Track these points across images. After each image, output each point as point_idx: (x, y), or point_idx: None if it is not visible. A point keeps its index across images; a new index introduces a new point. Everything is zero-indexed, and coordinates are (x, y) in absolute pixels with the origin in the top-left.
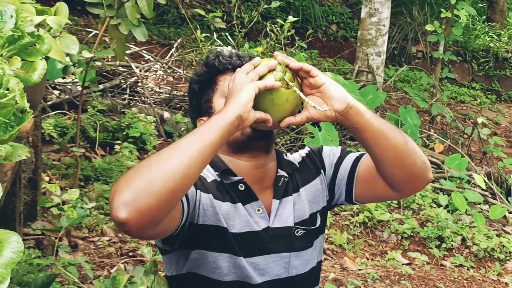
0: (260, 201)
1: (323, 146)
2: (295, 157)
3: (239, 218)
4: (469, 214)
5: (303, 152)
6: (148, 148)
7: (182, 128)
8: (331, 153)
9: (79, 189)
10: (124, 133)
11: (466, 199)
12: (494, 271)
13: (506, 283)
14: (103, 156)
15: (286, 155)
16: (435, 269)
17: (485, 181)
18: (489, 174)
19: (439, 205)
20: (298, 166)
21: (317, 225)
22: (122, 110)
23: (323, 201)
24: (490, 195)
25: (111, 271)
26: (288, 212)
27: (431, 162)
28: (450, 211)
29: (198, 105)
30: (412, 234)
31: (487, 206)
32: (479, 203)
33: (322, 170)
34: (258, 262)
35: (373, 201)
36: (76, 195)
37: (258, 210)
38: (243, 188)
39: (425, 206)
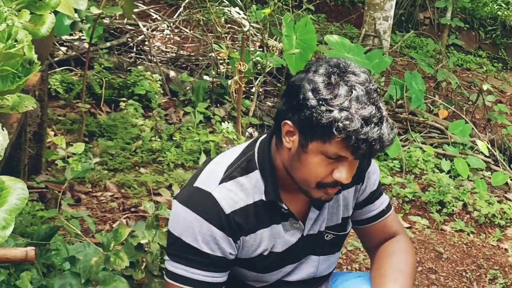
0: (298, 215)
1: (372, 161)
2: None
3: (280, 238)
4: (471, 180)
5: None
6: (153, 106)
7: (188, 88)
8: (374, 177)
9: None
10: (130, 90)
11: (469, 165)
12: (494, 237)
13: (505, 249)
14: (108, 112)
15: None
16: (435, 233)
17: (488, 148)
18: (492, 141)
19: (441, 170)
20: None
21: (347, 230)
22: (128, 68)
23: (351, 209)
24: (492, 162)
25: (113, 225)
26: (323, 217)
27: (435, 128)
28: (452, 177)
29: (297, 117)
30: (413, 198)
31: (489, 172)
32: (482, 170)
33: (361, 183)
34: (294, 266)
35: None
36: (82, 149)
37: (296, 224)
38: (286, 212)
39: (427, 171)
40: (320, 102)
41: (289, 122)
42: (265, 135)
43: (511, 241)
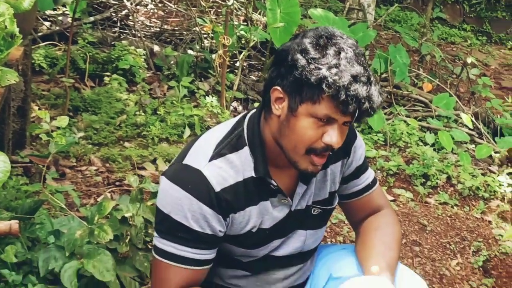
0: (286, 191)
1: (357, 135)
2: None
3: (268, 215)
4: (455, 153)
5: None
6: (137, 80)
7: (172, 62)
8: (359, 151)
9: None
10: (114, 65)
11: (453, 138)
12: (478, 209)
13: (489, 221)
14: (93, 87)
15: None
16: (419, 206)
17: (472, 121)
18: (476, 114)
19: (425, 143)
20: None
21: (334, 205)
22: (112, 42)
23: (338, 183)
24: (476, 135)
25: (98, 199)
26: (310, 192)
27: (419, 101)
28: (436, 150)
29: (286, 82)
30: (397, 171)
31: (473, 145)
32: (466, 142)
33: (347, 157)
34: (281, 241)
35: None
36: (65, 123)
37: (284, 200)
38: (275, 188)
39: (411, 144)
40: (309, 61)
41: (278, 87)
42: (254, 111)
43: (495, 213)
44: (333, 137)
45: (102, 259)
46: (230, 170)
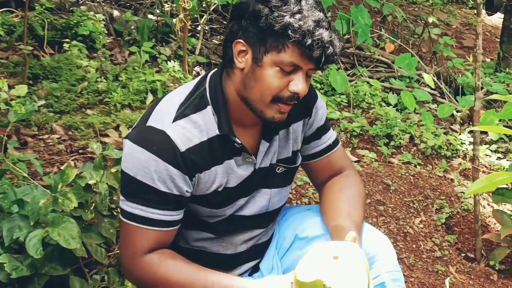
0: (250, 149)
1: (318, 96)
2: None
3: (233, 174)
4: (417, 113)
5: None
6: (97, 46)
7: (132, 27)
8: (321, 111)
9: (27, 87)
10: (73, 31)
11: (415, 98)
12: (440, 168)
13: (451, 179)
14: (52, 54)
15: None
16: (383, 166)
17: (434, 81)
18: (438, 73)
19: (388, 104)
20: None
21: (297, 163)
22: (71, 8)
23: (300, 143)
24: (438, 94)
25: (61, 168)
26: (274, 150)
27: (382, 62)
28: (399, 110)
29: (249, 34)
30: (361, 132)
31: (435, 105)
32: (428, 102)
33: (308, 117)
34: (246, 200)
35: None
36: (24, 91)
37: (248, 159)
38: (239, 146)
39: (374, 104)
40: (272, 9)
41: (240, 40)
42: (215, 70)
43: (457, 171)
44: (299, 84)
45: (67, 227)
46: (194, 130)
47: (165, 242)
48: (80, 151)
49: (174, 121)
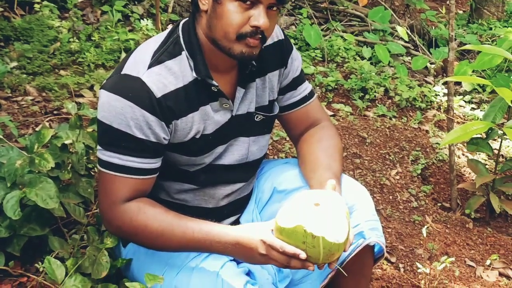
0: (227, 95)
1: (293, 47)
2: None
3: (209, 120)
4: (391, 66)
5: (279, 35)
6: (69, 6)
7: None
8: (296, 62)
9: None
10: None
11: (389, 51)
12: (415, 120)
13: (426, 131)
14: (23, 15)
15: None
16: (359, 119)
17: (407, 33)
18: (411, 26)
19: (362, 58)
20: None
21: (275, 112)
22: None
23: (276, 93)
24: (412, 47)
25: (36, 129)
26: (251, 97)
27: (355, 16)
28: (374, 63)
29: None
30: (336, 86)
31: (409, 57)
32: (402, 55)
33: (284, 67)
34: (224, 148)
35: None
36: None
37: (225, 105)
38: (216, 90)
39: (349, 58)
40: None
41: None
42: (186, 19)
43: (431, 122)
44: (259, 18)
45: (45, 187)
46: (170, 77)
47: (143, 190)
48: (55, 112)
49: (149, 67)
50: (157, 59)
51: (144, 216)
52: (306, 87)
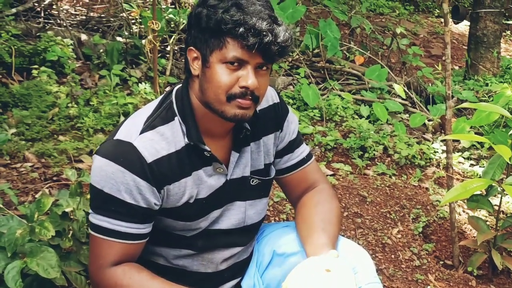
0: (220, 160)
1: (289, 110)
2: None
3: (202, 184)
4: (390, 124)
5: (274, 98)
6: (67, 71)
7: (101, 50)
8: (292, 125)
9: None
10: (41, 57)
11: (387, 109)
12: (415, 177)
13: (426, 188)
14: (21, 81)
15: None
16: (359, 178)
17: (404, 91)
18: (408, 83)
19: (360, 116)
20: (259, 114)
21: (271, 176)
22: (38, 34)
23: (272, 156)
24: (410, 104)
25: (36, 196)
26: (245, 162)
27: (352, 74)
28: (372, 122)
29: (196, 38)
30: (335, 145)
31: (407, 115)
32: (400, 112)
33: (280, 130)
34: (220, 212)
35: None
36: None
37: (219, 169)
38: (209, 155)
39: (347, 117)
40: (209, 9)
41: (191, 47)
42: (180, 85)
43: (431, 180)
44: (247, 78)
45: (46, 256)
46: (162, 142)
47: (132, 255)
48: (54, 178)
49: (141, 133)
50: (150, 124)
51: (129, 281)
52: (303, 150)
